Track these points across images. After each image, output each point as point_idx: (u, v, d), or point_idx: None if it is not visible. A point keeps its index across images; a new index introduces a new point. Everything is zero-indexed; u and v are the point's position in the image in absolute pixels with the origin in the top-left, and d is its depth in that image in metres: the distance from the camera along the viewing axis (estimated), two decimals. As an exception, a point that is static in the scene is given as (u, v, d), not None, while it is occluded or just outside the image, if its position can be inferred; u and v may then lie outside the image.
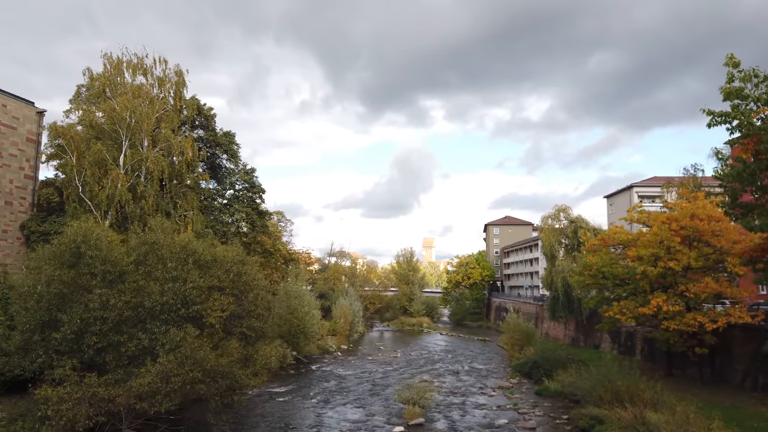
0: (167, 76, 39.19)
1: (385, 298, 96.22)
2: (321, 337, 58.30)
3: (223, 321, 23.45)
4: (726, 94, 15.51)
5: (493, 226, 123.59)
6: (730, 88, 15.41)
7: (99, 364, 21.56)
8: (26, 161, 40.38)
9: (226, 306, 23.37)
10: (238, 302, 24.31)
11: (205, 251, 23.81)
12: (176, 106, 38.13)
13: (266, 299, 25.41)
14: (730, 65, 15.35)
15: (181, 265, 22.73)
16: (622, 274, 34.92)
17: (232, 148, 43.87)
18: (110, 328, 20.91)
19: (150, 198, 34.02)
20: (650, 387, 27.95)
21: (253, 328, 24.63)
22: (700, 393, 31.79)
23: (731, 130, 15.47)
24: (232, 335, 24.40)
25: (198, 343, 20.94)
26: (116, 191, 32.54)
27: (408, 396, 33.19)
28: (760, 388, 30.69)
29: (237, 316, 24.34)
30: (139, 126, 34.23)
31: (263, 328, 25.73)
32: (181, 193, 36.88)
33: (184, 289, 22.20)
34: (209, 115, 42.81)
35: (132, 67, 37.81)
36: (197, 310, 22.40)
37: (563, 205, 58.42)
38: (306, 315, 52.25)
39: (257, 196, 45.21)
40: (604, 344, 51.62)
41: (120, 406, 20.32)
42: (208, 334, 23.12)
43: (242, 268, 24.89)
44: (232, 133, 45.14)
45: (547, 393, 36.38)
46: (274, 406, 33.30)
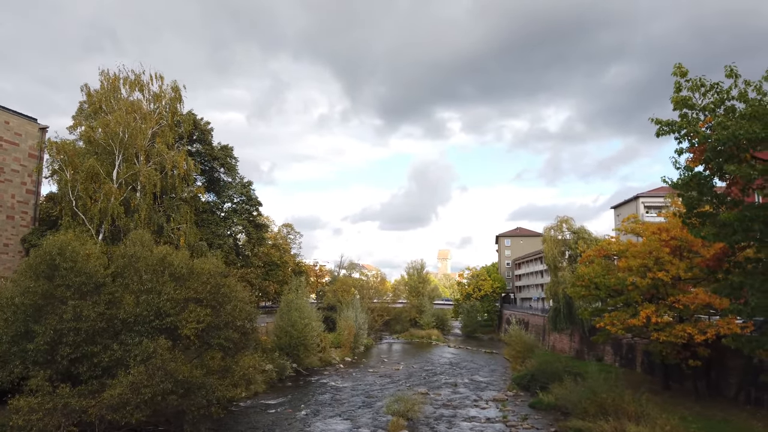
0: (164, 92, 39.89)
1: (394, 310, 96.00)
2: (322, 349, 58.27)
3: (199, 332, 23.67)
4: (675, 104, 15.42)
5: (504, 238, 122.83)
6: (678, 97, 15.33)
7: (74, 375, 21.91)
8: (28, 176, 41.30)
9: (202, 317, 23.60)
10: (216, 314, 24.53)
11: (181, 264, 24.09)
12: (171, 121, 38.70)
13: (245, 311, 25.56)
14: (678, 74, 15.26)
15: (156, 277, 23.05)
16: (614, 285, 34.55)
17: (229, 162, 44.42)
18: (83, 339, 21.26)
19: (143, 211, 34.57)
20: (635, 400, 27.63)
21: (231, 340, 24.80)
22: (694, 407, 31.27)
23: (679, 140, 15.35)
24: (209, 347, 24.61)
25: (169, 355, 21.19)
26: (108, 205, 33.08)
27: (397, 408, 33.16)
28: (753, 401, 30.07)
29: (215, 328, 24.54)
30: (133, 141, 34.83)
31: (243, 340, 25.87)
32: (175, 207, 37.38)
33: (158, 301, 22.51)
34: (206, 130, 43.43)
35: (128, 84, 38.59)
36: (171, 321, 22.67)
37: (565, 217, 58.09)
38: (306, 327, 52.36)
39: (254, 209, 45.59)
40: (606, 357, 50.94)
41: (92, 416, 20.60)
42: (184, 346, 23.38)
43: (221, 280, 25.13)
44: (229, 147, 45.73)
45: (541, 406, 35.96)
46: (263, 417, 33.38)
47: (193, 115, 42.28)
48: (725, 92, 15.19)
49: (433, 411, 35.66)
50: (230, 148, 45.53)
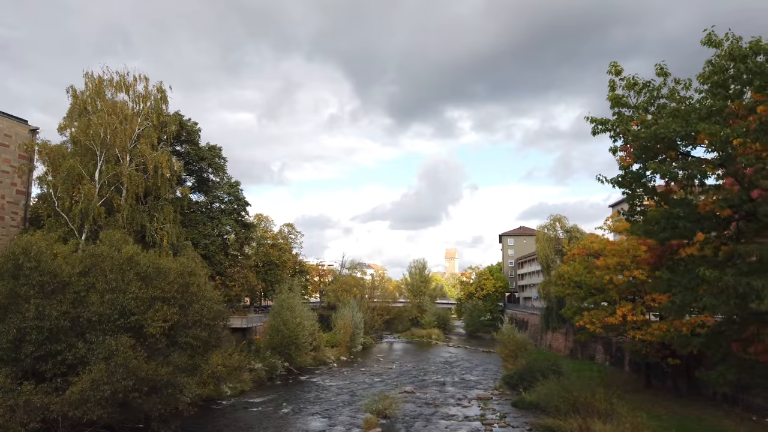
0: (149, 93, 40.26)
1: (394, 309, 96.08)
2: (316, 348, 58.51)
3: (166, 331, 23.93)
4: (612, 102, 15.40)
5: (507, 237, 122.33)
6: (613, 95, 15.30)
7: (40, 373, 22.24)
8: (18, 177, 41.85)
9: (169, 316, 23.86)
10: (184, 312, 24.79)
11: (147, 263, 24.36)
12: (156, 122, 39.06)
13: (214, 309, 25.78)
14: (613, 73, 15.23)
15: (122, 276, 23.33)
16: (594, 283, 34.44)
17: (217, 162, 44.73)
18: (47, 337, 21.59)
19: (124, 211, 34.94)
20: (605, 398, 27.57)
21: (199, 338, 25.03)
22: (672, 405, 31.14)
23: (614, 138, 15.31)
24: (177, 345, 24.86)
25: (131, 353, 21.46)
26: (89, 205, 33.48)
27: (374, 407, 33.33)
28: (730, 400, 29.86)
29: (183, 326, 24.79)
30: (115, 142, 35.24)
31: (212, 339, 26.10)
32: (159, 207, 37.72)
33: (123, 299, 22.78)
34: (193, 130, 43.78)
35: (113, 85, 39.00)
36: (137, 320, 22.94)
37: (558, 215, 57.87)
38: (298, 326, 52.61)
39: (242, 209, 45.90)
40: (598, 356, 50.76)
41: (55, 413, 20.91)
42: (151, 345, 23.66)
43: (189, 279, 25.38)
44: (218, 147, 46.06)
45: (523, 404, 35.87)
46: (243, 414, 33.65)
47: (180, 116, 42.64)
48: (656, 90, 15.17)
49: (414, 409, 35.74)
50: (218, 149, 45.87)
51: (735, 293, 12.26)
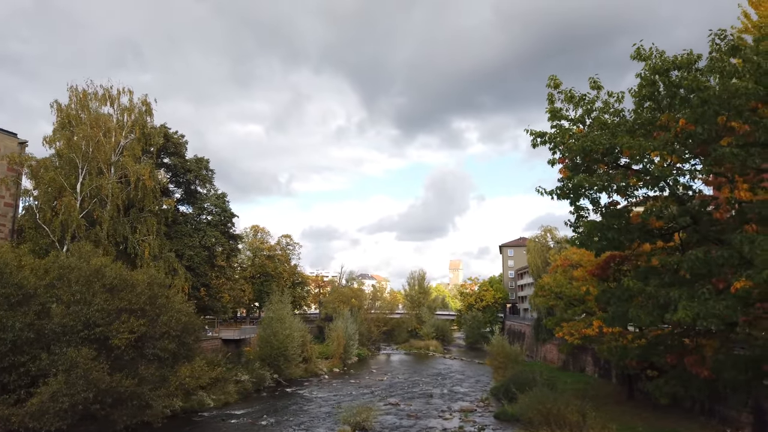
0: (134, 105, 40.65)
1: (392, 321, 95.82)
2: (306, 360, 58.42)
3: (133, 343, 24.00)
4: (550, 115, 15.41)
5: (507, 248, 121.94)
6: (551, 108, 15.32)
7: (3, 384, 22.34)
8: (6, 190, 42.24)
9: (135, 328, 23.94)
10: (152, 324, 24.86)
11: (113, 275, 24.47)
12: (139, 134, 39.38)
13: (182, 321, 25.84)
14: (552, 86, 15.26)
15: (87, 288, 23.45)
16: (573, 294, 34.26)
17: (203, 174, 44.97)
18: (10, 349, 21.69)
19: (105, 223, 35.17)
20: (577, 410, 27.35)
21: (167, 350, 25.07)
22: (650, 417, 30.77)
23: (553, 150, 15.29)
24: (145, 357, 24.92)
25: (92, 364, 21.52)
26: (69, 217, 33.73)
27: (353, 419, 33.16)
28: (707, 413, 29.46)
29: (151, 338, 24.87)
30: (97, 154, 35.55)
31: (182, 351, 26.13)
32: (142, 219, 37.93)
33: (87, 311, 22.89)
34: (179, 143, 44.09)
35: (98, 99, 39.42)
36: (101, 331, 23.03)
37: (549, 226, 57.75)
38: (287, 338, 52.57)
39: (228, 221, 46.08)
40: (588, 367, 50.33)
41: (15, 425, 20.99)
42: (116, 356, 23.72)
43: (158, 291, 25.47)
44: (205, 159, 46.37)
45: (504, 416, 35.59)
46: (221, 426, 33.57)
47: (166, 128, 43.00)
48: (591, 103, 15.22)
49: (394, 421, 35.54)
50: (206, 161, 46.15)
51: (657, 304, 12.20)
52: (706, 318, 11.45)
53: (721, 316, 11.72)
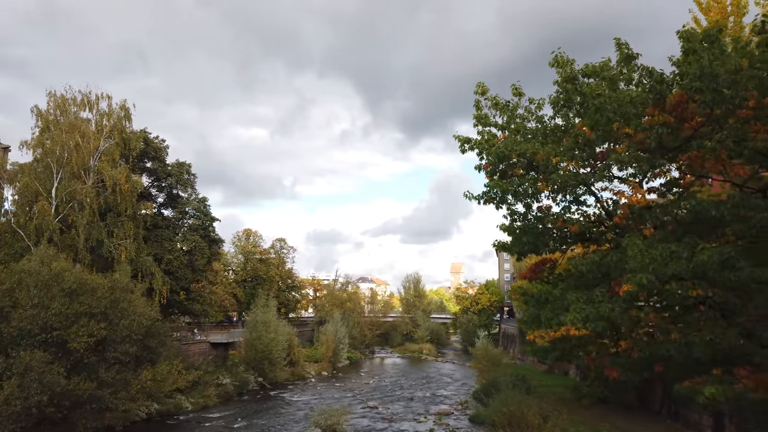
0: (113, 110, 40.95)
1: (386, 324, 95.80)
2: (294, 363, 58.57)
3: (93, 346, 24.18)
4: (476, 121, 15.50)
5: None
6: (478, 114, 15.41)
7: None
8: (-12, 196, 42.61)
9: (95, 332, 24.11)
10: (113, 328, 25.03)
11: (71, 279, 24.66)
12: (118, 139, 39.64)
13: (144, 325, 26.01)
14: (479, 93, 15.35)
15: (46, 292, 23.65)
16: (546, 297, 34.18)
17: (184, 178, 45.21)
18: (-33, 352, 21.93)
19: (80, 228, 35.41)
20: (538, 413, 27.34)
21: (128, 353, 25.24)
22: (618, 420, 30.68)
23: (480, 156, 15.36)
24: (106, 360, 25.08)
25: (46, 368, 21.70)
26: (43, 222, 33.98)
27: (324, 422, 33.21)
28: (673, 415, 29.45)
29: (112, 342, 25.04)
30: (72, 159, 35.83)
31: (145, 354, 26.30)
32: (119, 223, 38.16)
33: (44, 315, 23.08)
34: (159, 147, 44.36)
35: (76, 104, 39.75)
36: (58, 335, 23.21)
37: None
38: (272, 342, 52.70)
39: (209, 225, 46.31)
40: (571, 371, 50.19)
41: (-31, 428, 21.19)
42: (76, 359, 23.88)
43: (120, 295, 25.65)
44: (187, 163, 46.66)
45: (479, 419, 35.57)
46: (193, 429, 33.70)
47: (145, 133, 43.30)
48: (513, 110, 15.33)
49: (367, 424, 35.60)
50: (187, 165, 46.41)
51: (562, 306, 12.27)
52: (594, 321, 11.55)
53: (607, 318, 11.82)
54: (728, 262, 10.64)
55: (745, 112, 11.44)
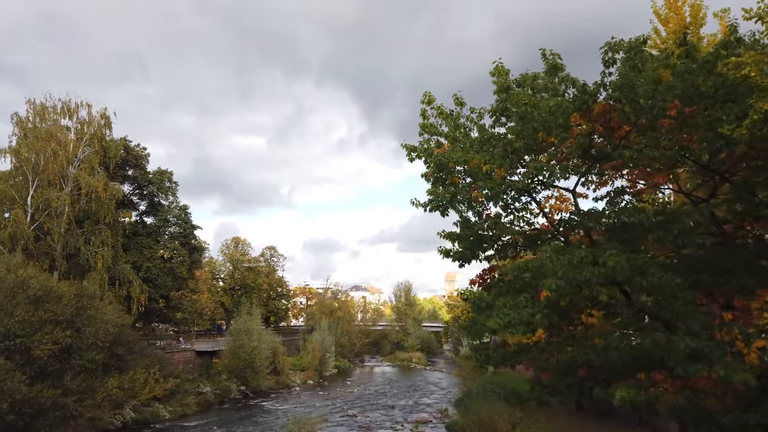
0: (92, 118, 41.14)
1: (375, 332, 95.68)
2: (278, 371, 58.50)
3: (58, 354, 24.19)
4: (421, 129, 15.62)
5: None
6: (424, 123, 15.55)
7: None
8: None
9: (60, 339, 24.14)
10: (79, 335, 25.05)
11: (37, 286, 24.71)
12: (98, 147, 39.78)
13: (110, 332, 26.02)
14: (426, 102, 15.47)
15: (9, 299, 23.69)
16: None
17: (165, 186, 45.35)
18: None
19: (56, 236, 35.49)
20: (508, 420, 27.42)
21: (94, 361, 25.25)
22: (592, 427, 30.81)
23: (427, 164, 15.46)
24: (72, 368, 25.08)
25: (6, 375, 21.71)
26: (17, 229, 34.04)
27: (297, 430, 33.20)
28: (643, 423, 29.50)
29: (78, 349, 25.05)
30: (48, 167, 35.96)
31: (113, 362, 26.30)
32: (97, 231, 38.23)
33: (8, 322, 23.11)
34: (140, 155, 44.51)
35: (56, 112, 39.94)
36: (21, 342, 23.23)
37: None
38: (254, 350, 52.67)
39: (189, 232, 46.40)
40: (553, 378, 50.18)
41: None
42: (40, 367, 23.89)
43: (87, 302, 25.68)
44: (168, 171, 46.83)
45: (455, 427, 35.51)
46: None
47: (126, 141, 43.46)
48: (456, 119, 15.45)
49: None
50: (169, 173, 46.57)
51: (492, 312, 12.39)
52: (515, 326, 11.64)
53: (529, 323, 11.93)
54: (643, 268, 10.78)
55: (668, 121, 11.60)
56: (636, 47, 11.83)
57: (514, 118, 13.31)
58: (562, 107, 11.79)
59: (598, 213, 13.45)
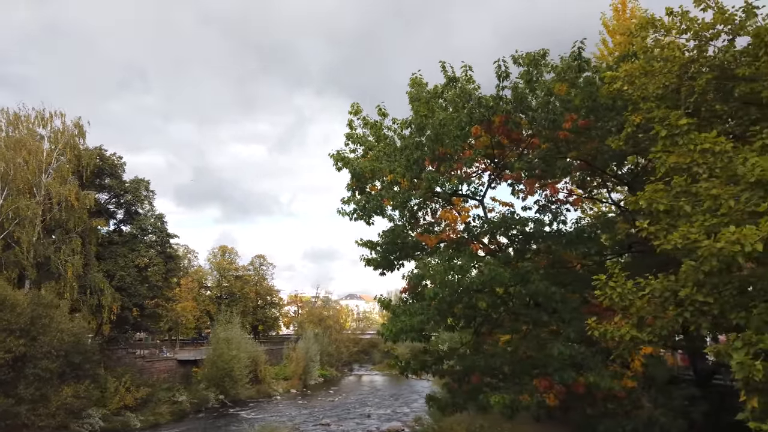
0: (66, 128, 41.34)
1: (364, 341, 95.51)
2: (258, 380, 58.41)
3: (10, 362, 24.21)
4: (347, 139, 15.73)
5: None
6: (350, 133, 15.67)
7: None
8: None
9: (13, 347, 24.17)
10: (32, 344, 25.09)
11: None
12: (71, 156, 39.95)
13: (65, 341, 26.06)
14: (353, 113, 15.60)
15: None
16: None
17: (140, 195, 45.51)
18: None
19: (25, 245, 35.57)
20: (465, 428, 27.34)
21: (48, 369, 25.27)
22: (555, 436, 30.69)
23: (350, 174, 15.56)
24: (25, 377, 25.10)
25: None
26: (-17, 239, 34.15)
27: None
28: (604, 431, 29.39)
29: (32, 357, 25.08)
30: (16, 176, 36.12)
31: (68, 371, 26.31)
32: (68, 239, 38.32)
33: (-43, 330, 23.19)
34: (116, 164, 44.69)
35: (29, 121, 40.16)
36: (-29, 350, 23.29)
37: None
38: (233, 359, 52.60)
39: (166, 241, 46.52)
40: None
41: None
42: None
43: (43, 311, 25.73)
44: (146, 180, 46.96)
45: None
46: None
47: (101, 150, 43.63)
48: (379, 129, 15.61)
49: (311, 443, 35.53)
50: (146, 182, 46.72)
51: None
52: (407, 332, 11.75)
53: (419, 330, 12.03)
54: (526, 276, 10.84)
55: (564, 134, 11.69)
56: (535, 60, 11.95)
57: (412, 129, 13.48)
58: (456, 120, 11.92)
59: (496, 222, 13.56)
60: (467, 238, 13.81)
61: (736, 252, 6.19)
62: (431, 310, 11.53)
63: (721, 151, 7.04)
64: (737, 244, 6.21)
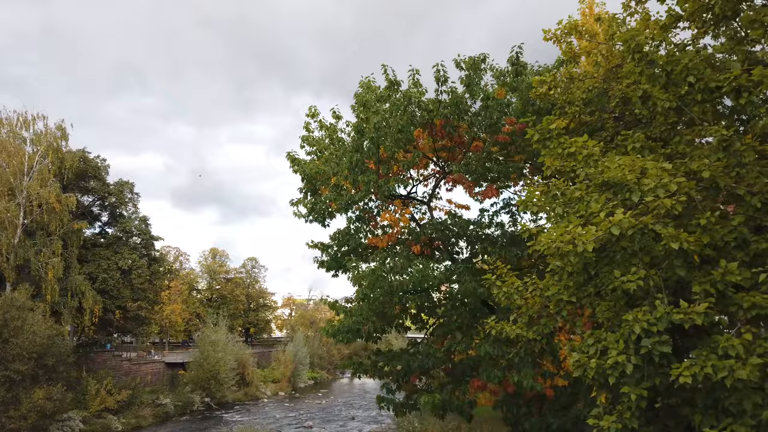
0: (48, 130, 41.37)
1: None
2: (246, 383, 58.36)
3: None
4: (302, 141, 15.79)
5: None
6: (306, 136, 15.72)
7: None
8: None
9: (-17, 350, 24.18)
10: (4, 347, 25.07)
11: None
12: (52, 159, 39.96)
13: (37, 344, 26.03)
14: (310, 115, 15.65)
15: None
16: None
17: (124, 197, 45.52)
18: None
19: (4, 247, 35.58)
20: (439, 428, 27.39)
21: (19, 372, 25.24)
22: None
23: (302, 176, 15.61)
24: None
25: None
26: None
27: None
28: (579, 434, 29.42)
29: (3, 360, 25.05)
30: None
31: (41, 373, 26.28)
32: (49, 242, 38.31)
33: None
34: (99, 167, 44.70)
35: (11, 124, 40.18)
36: (-60, 353, 23.28)
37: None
38: (219, 361, 52.55)
39: (150, 244, 46.53)
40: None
41: None
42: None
43: (15, 313, 25.72)
44: (130, 183, 46.99)
45: (401, 439, 35.51)
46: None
47: (84, 153, 43.64)
48: (333, 132, 15.67)
49: (291, 445, 35.50)
50: (130, 185, 46.72)
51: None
52: (343, 333, 11.81)
53: (356, 330, 12.08)
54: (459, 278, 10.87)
55: (502, 137, 11.71)
56: (476, 65, 11.99)
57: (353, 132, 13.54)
58: (393, 124, 11.97)
59: (434, 225, 13.61)
60: (409, 239, 13.87)
61: (569, 251, 6.24)
62: (365, 311, 11.56)
63: (588, 154, 7.09)
64: (570, 243, 6.25)
